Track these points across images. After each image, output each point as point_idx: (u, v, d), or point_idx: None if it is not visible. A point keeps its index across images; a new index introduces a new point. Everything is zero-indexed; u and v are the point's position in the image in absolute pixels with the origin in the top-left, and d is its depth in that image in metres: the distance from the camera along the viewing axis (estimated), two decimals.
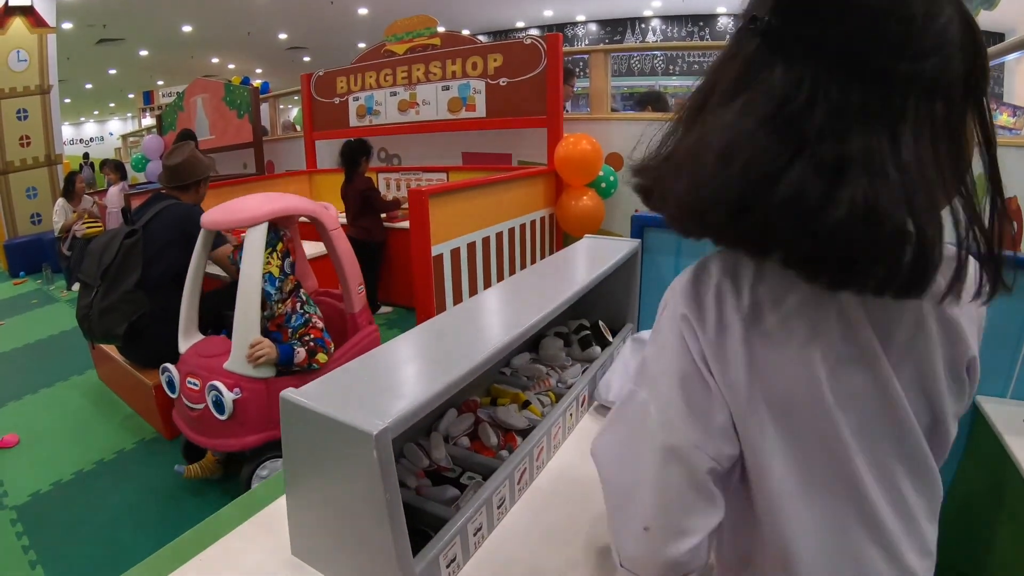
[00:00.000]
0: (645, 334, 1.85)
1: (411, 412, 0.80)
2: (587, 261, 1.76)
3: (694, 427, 0.65)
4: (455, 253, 3.16)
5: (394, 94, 5.28)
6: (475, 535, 1.06)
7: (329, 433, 0.79)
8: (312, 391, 0.84)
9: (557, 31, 4.49)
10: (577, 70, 5.61)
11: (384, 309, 4.92)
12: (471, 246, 3.30)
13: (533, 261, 4.18)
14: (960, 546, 1.26)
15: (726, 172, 0.55)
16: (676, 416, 0.65)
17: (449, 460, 1.20)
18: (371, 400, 0.83)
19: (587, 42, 9.95)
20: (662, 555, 0.66)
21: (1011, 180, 3.43)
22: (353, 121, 5.66)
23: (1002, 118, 5.68)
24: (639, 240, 2.01)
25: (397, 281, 4.93)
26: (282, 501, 1.15)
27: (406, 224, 4.76)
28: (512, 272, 3.87)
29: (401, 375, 0.94)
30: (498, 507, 1.15)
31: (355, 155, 4.64)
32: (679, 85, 8.03)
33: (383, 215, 4.74)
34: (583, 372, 1.69)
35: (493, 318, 1.25)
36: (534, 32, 10.44)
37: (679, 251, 2.04)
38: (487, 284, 3.54)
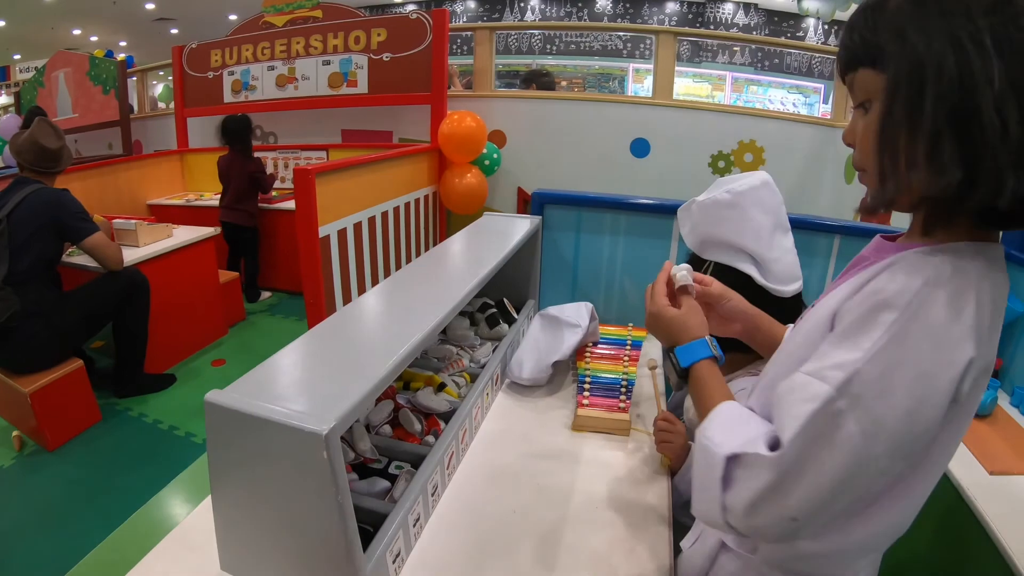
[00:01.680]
0: (553, 310, 1.84)
1: (354, 408, 0.74)
2: (492, 239, 1.73)
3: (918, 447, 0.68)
4: (342, 234, 3.02)
5: (272, 68, 5.00)
6: (415, 526, 1.02)
7: (269, 437, 0.72)
8: (242, 392, 0.76)
9: (435, 7, 4.37)
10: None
11: (264, 295, 4.69)
12: (357, 226, 3.18)
13: (418, 241, 4.10)
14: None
15: None
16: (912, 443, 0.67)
17: (374, 451, 1.14)
18: (310, 399, 0.76)
19: (465, 19, 9.86)
20: None
21: None
22: (228, 97, 5.30)
23: None
24: (540, 217, 2.01)
25: (276, 265, 4.72)
26: (199, 514, 1.06)
27: (286, 205, 4.59)
28: (398, 252, 3.78)
29: (331, 370, 0.87)
30: (432, 494, 1.11)
31: (243, 132, 4.39)
32: (556, 64, 8.12)
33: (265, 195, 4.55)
34: (494, 351, 1.67)
35: (411, 302, 1.18)
36: (411, 8, 10.21)
37: (579, 227, 2.05)
38: (374, 266, 3.44)
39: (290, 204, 4.59)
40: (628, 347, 1.85)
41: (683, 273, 1.06)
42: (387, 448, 1.17)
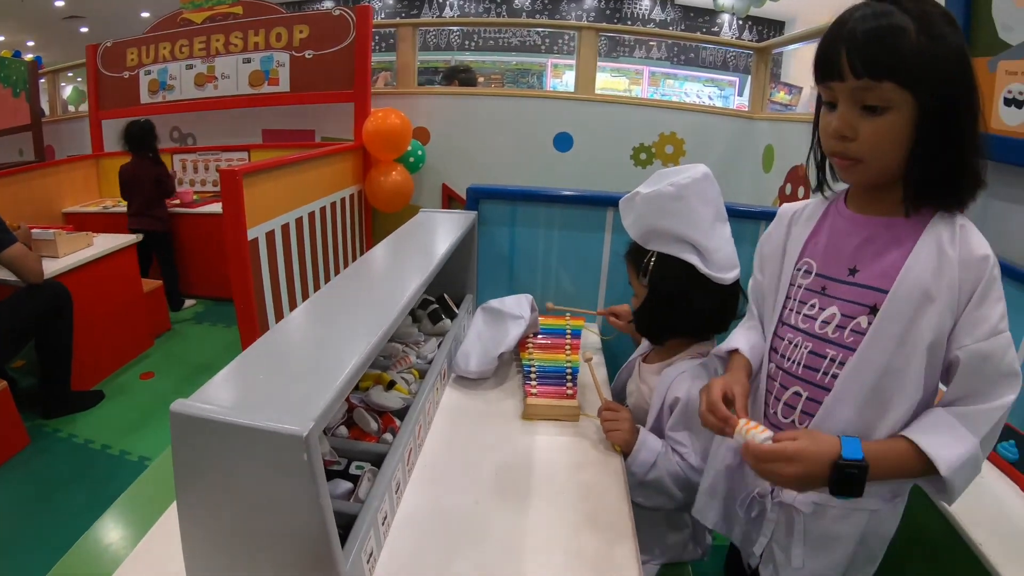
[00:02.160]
0: (494, 303, 1.86)
1: (328, 408, 0.73)
2: (432, 236, 1.72)
3: None
4: (270, 236, 2.94)
5: (190, 67, 4.78)
6: (383, 524, 1.01)
7: (244, 444, 0.70)
8: (209, 400, 0.73)
9: (356, 3, 4.29)
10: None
11: (188, 303, 4.52)
12: (285, 228, 3.10)
13: (345, 241, 4.04)
14: None
15: None
16: None
17: (333, 453, 1.13)
18: (282, 403, 0.74)
19: (384, 15, 9.70)
20: None
21: (795, 149, 3.87)
22: (145, 97, 5.04)
23: (779, 95, 6.44)
24: (475, 212, 2.02)
25: (198, 272, 4.54)
26: (155, 536, 1.02)
27: (207, 209, 4.44)
28: (325, 254, 3.71)
29: (296, 373, 0.85)
30: (396, 492, 1.11)
31: (148, 137, 4.20)
32: (474, 60, 8.11)
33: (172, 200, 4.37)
34: (439, 346, 1.67)
35: (362, 301, 1.17)
36: (328, 4, 9.97)
37: (513, 221, 2.07)
38: (303, 268, 3.36)
39: (211, 208, 4.45)
40: (568, 336, 1.89)
41: (763, 436, 0.97)
42: (345, 449, 1.16)
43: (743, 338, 1.22)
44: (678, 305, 1.44)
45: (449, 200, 4.78)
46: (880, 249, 0.98)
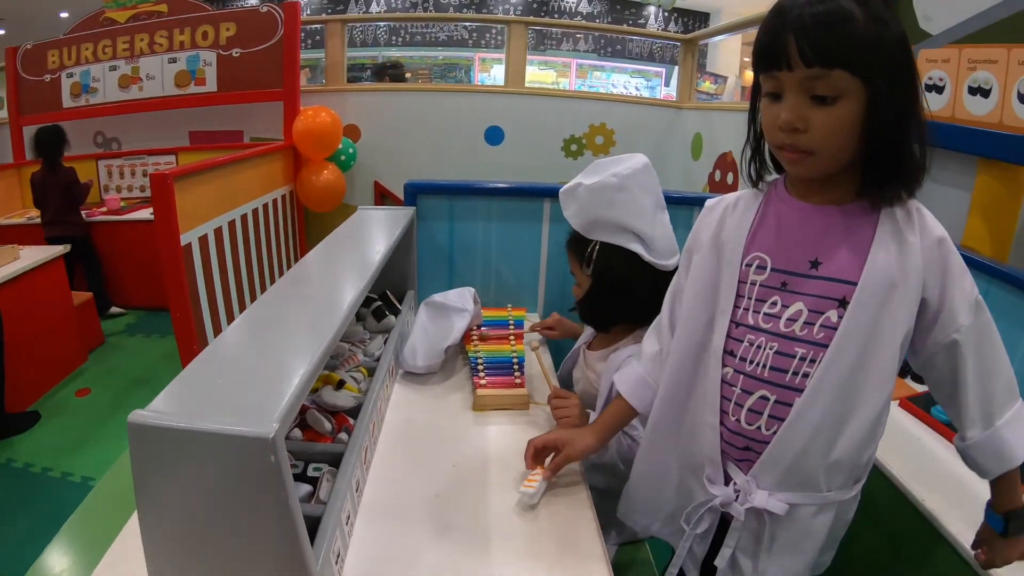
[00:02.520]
0: (437, 297, 1.87)
1: (291, 408, 0.72)
2: (373, 233, 1.72)
3: None
4: (203, 241, 2.86)
5: (114, 68, 4.55)
6: (347, 524, 1.01)
7: (208, 450, 0.69)
8: (168, 409, 0.71)
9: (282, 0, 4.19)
10: None
11: (115, 310, 4.34)
12: (218, 232, 3.02)
13: (278, 243, 3.95)
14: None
15: None
16: None
17: (289, 456, 1.12)
18: (243, 407, 0.73)
19: (309, 12, 9.46)
20: None
21: (723, 137, 3.98)
22: (67, 101, 4.78)
23: (705, 85, 6.60)
24: (414, 208, 2.02)
25: (128, 282, 4.35)
26: (111, 562, 0.99)
27: (136, 215, 4.25)
28: (259, 257, 3.63)
29: (252, 377, 0.83)
30: (356, 491, 1.11)
31: (58, 143, 4.02)
32: (401, 55, 8.03)
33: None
34: (385, 343, 1.67)
35: (311, 300, 1.16)
36: (254, 1, 9.66)
37: (452, 215, 2.07)
38: (237, 272, 3.28)
39: (140, 214, 4.27)
40: (511, 327, 1.91)
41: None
42: (300, 451, 1.15)
43: (632, 377, 1.24)
44: (622, 293, 1.47)
45: (382, 198, 4.73)
46: (840, 239, 0.95)
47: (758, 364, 1.00)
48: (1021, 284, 1.62)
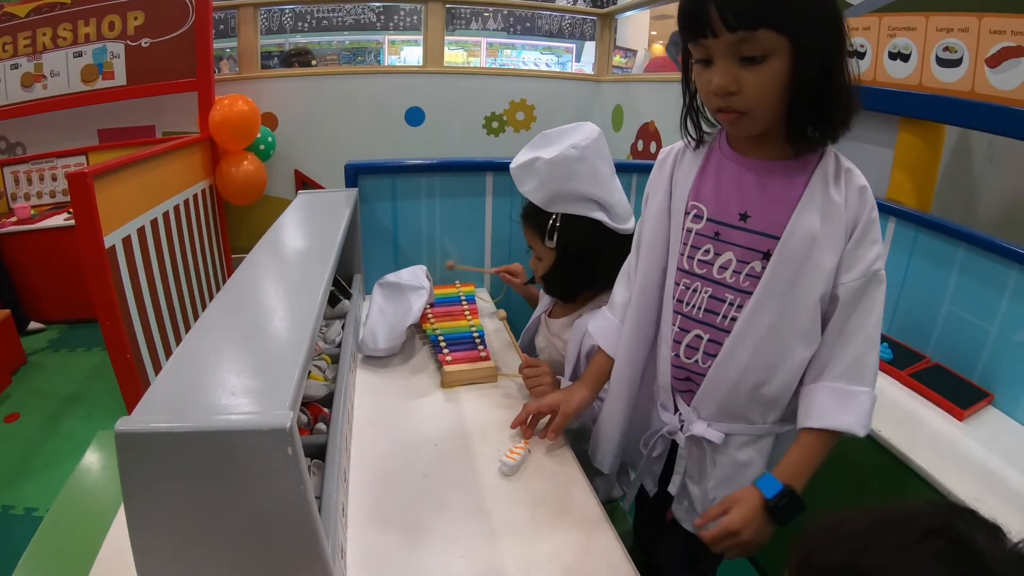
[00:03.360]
0: (390, 277, 1.81)
1: (296, 395, 0.66)
2: (321, 217, 1.65)
3: None
4: (127, 243, 2.66)
5: (15, 67, 4.10)
6: (343, 515, 0.96)
7: (214, 450, 0.61)
8: (158, 413, 0.63)
9: None
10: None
11: (35, 326, 3.98)
12: (141, 232, 2.80)
13: (201, 240, 3.71)
14: None
15: None
16: None
17: None
18: (244, 400, 0.66)
19: None
20: None
21: (644, 108, 4.03)
22: None
23: (615, 59, 6.67)
24: (356, 189, 1.95)
25: (43, 296, 3.98)
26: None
27: (48, 223, 3.90)
28: (184, 255, 3.42)
29: (243, 370, 0.75)
30: (344, 480, 1.06)
31: None
32: (307, 41, 7.75)
33: None
34: (343, 328, 1.61)
35: (278, 292, 1.07)
36: None
37: (394, 195, 2.01)
38: (163, 274, 3.07)
39: (52, 222, 3.92)
40: (464, 302, 1.88)
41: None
42: None
43: (609, 328, 1.28)
44: (588, 262, 1.47)
45: (303, 186, 4.58)
46: (771, 195, 0.99)
47: (694, 306, 1.08)
48: (944, 230, 1.72)
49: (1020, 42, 1.70)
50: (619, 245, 1.41)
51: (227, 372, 0.73)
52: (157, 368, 2.87)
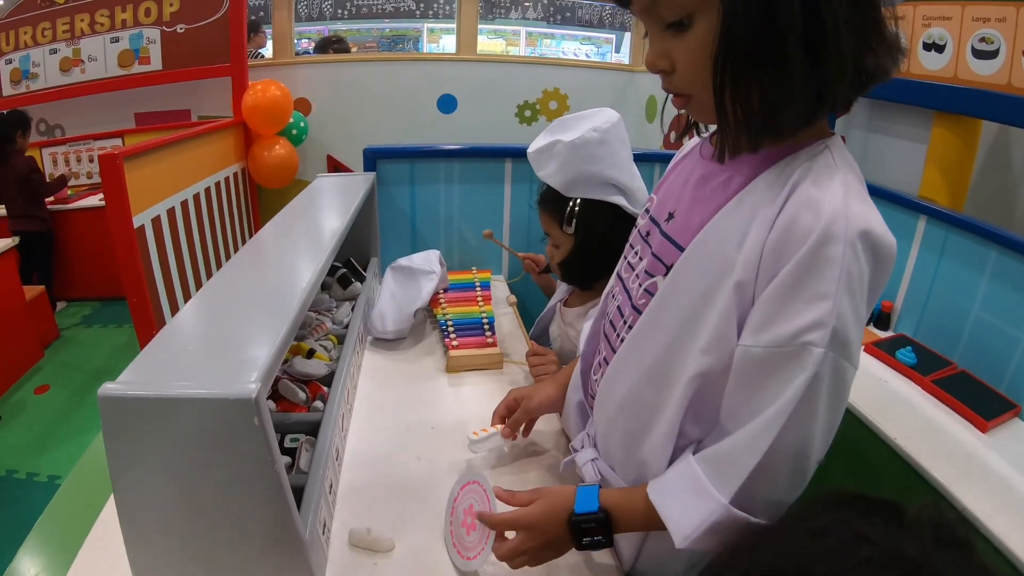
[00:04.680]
0: (403, 261, 1.81)
1: (270, 367, 0.67)
2: (334, 200, 1.65)
3: None
4: (156, 223, 2.73)
5: (55, 52, 4.22)
6: (330, 493, 0.97)
7: (188, 418, 0.63)
8: (140, 378, 0.65)
9: None
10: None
11: (59, 305, 4.09)
12: (171, 213, 2.89)
13: (232, 222, 3.82)
14: None
15: None
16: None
17: None
18: (222, 369, 0.67)
19: None
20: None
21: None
22: (7, 89, 4.42)
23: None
24: (373, 173, 1.95)
25: (76, 272, 4.12)
26: (90, 549, 0.93)
27: (83, 203, 4.04)
28: (214, 237, 3.50)
29: (227, 341, 0.77)
30: (336, 459, 1.06)
31: (8, 130, 3.72)
32: (347, 29, 7.81)
33: (49, 199, 3.91)
34: (352, 310, 1.62)
35: (280, 265, 1.09)
36: None
37: (412, 179, 2.02)
38: (192, 254, 3.15)
39: (88, 202, 4.06)
40: (478, 288, 1.87)
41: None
42: (276, 423, 1.08)
43: (587, 327, 1.12)
44: (606, 248, 1.44)
45: (335, 170, 4.63)
46: (703, 194, 0.76)
47: (607, 314, 0.93)
48: (978, 231, 1.65)
49: None
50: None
51: (210, 343, 0.75)
52: None
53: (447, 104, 4.64)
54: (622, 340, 0.83)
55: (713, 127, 0.76)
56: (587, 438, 0.99)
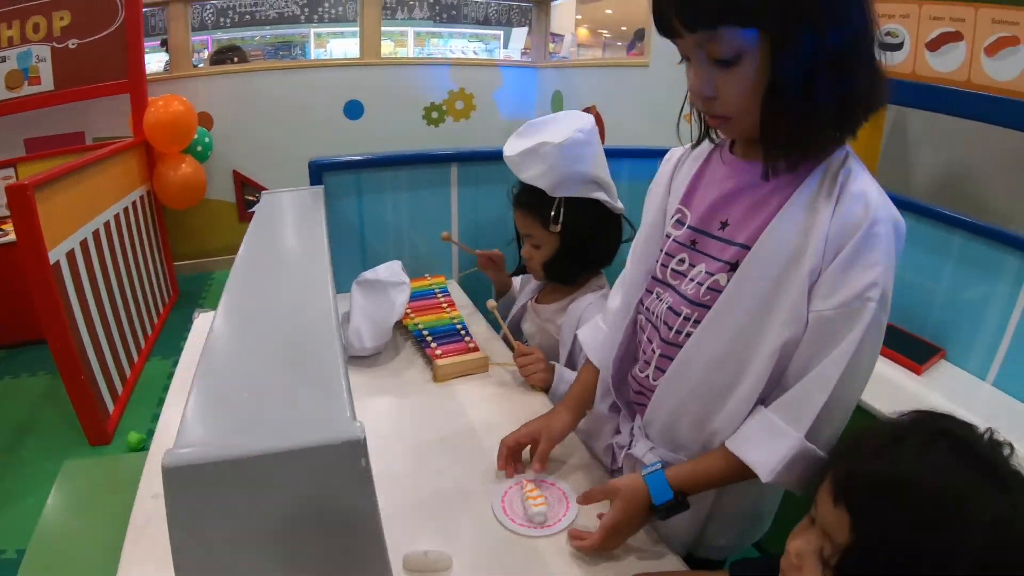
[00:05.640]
0: (367, 275, 1.76)
1: (352, 406, 0.63)
2: (297, 219, 1.57)
3: None
4: (71, 257, 2.50)
5: None
6: None
7: (284, 474, 0.56)
8: (207, 440, 0.57)
9: None
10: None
11: None
12: (84, 245, 2.63)
13: (143, 249, 3.54)
14: None
15: None
16: None
17: None
18: (303, 415, 0.62)
19: None
20: None
21: (584, 92, 4.05)
22: None
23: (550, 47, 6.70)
24: (322, 187, 1.90)
25: None
26: None
27: None
28: (128, 268, 3.23)
29: (281, 383, 0.70)
30: None
31: None
32: (231, 38, 7.46)
33: None
34: None
35: (282, 306, 0.97)
36: None
37: (360, 190, 1.97)
38: (109, 288, 2.88)
39: None
40: (438, 295, 1.86)
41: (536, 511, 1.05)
42: None
43: (599, 337, 1.19)
44: (592, 243, 1.50)
45: (243, 186, 4.45)
46: (754, 200, 0.87)
47: (654, 314, 1.00)
48: (892, 201, 1.81)
49: (958, 27, 1.79)
50: (616, 225, 1.49)
51: (268, 390, 0.68)
52: (112, 390, 2.73)
53: (354, 110, 4.55)
54: (687, 335, 0.92)
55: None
56: (638, 431, 1.06)
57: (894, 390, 1.60)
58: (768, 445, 0.84)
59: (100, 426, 2.54)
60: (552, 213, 1.44)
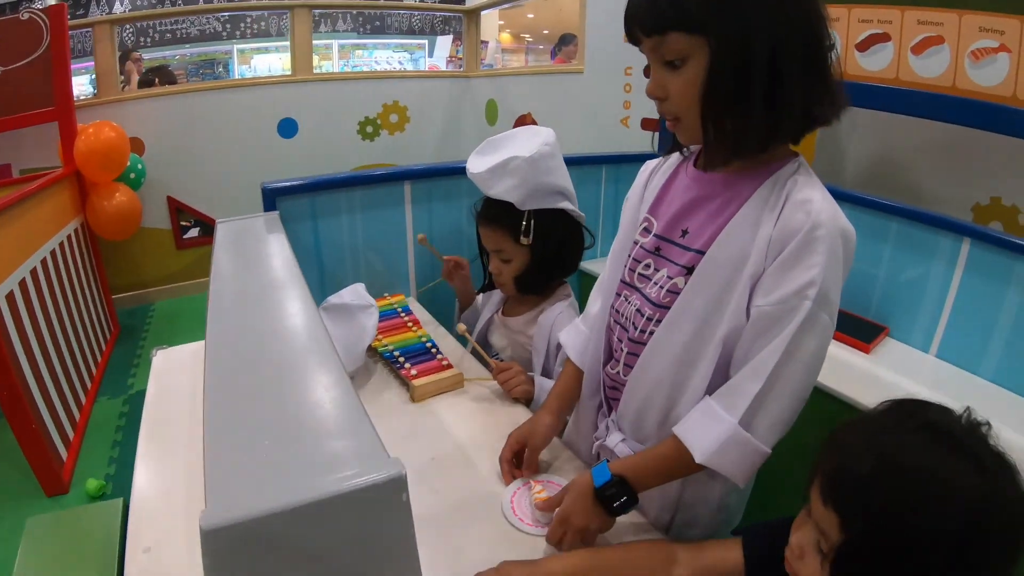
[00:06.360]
0: (332, 299, 1.75)
1: (381, 441, 0.63)
2: (260, 247, 1.54)
3: None
4: (11, 300, 2.36)
5: None
6: None
7: (326, 519, 0.56)
8: (237, 500, 0.55)
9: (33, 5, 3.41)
10: None
11: None
12: (23, 286, 2.49)
13: (80, 285, 3.36)
14: None
15: None
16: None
17: None
18: (336, 457, 0.61)
19: None
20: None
21: (518, 101, 4.08)
22: None
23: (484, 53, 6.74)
24: (276, 212, 1.87)
25: None
26: None
27: None
28: (68, 307, 3.05)
29: (299, 428, 0.69)
30: None
31: None
32: (151, 58, 7.21)
33: None
34: None
35: (273, 344, 0.96)
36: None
37: (314, 214, 1.95)
38: (52, 331, 2.72)
39: None
40: (401, 314, 1.86)
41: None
42: None
43: (580, 340, 1.25)
44: (562, 252, 1.54)
45: (178, 213, 4.31)
46: (714, 211, 0.93)
47: (623, 315, 1.07)
48: (830, 192, 1.93)
49: (886, 29, 1.91)
50: (580, 232, 1.54)
51: (286, 433, 0.67)
52: (63, 436, 2.59)
53: (288, 128, 4.47)
54: (650, 333, 1.00)
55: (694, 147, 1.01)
56: (612, 424, 1.13)
57: (845, 369, 1.71)
58: (705, 429, 0.90)
59: (56, 476, 2.40)
60: (524, 225, 1.46)
